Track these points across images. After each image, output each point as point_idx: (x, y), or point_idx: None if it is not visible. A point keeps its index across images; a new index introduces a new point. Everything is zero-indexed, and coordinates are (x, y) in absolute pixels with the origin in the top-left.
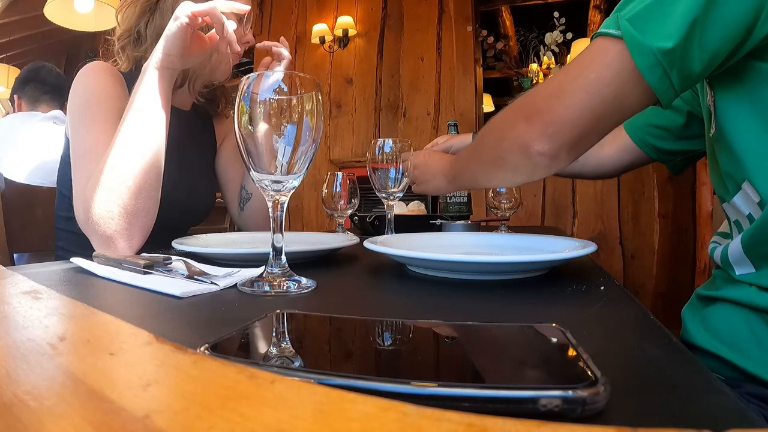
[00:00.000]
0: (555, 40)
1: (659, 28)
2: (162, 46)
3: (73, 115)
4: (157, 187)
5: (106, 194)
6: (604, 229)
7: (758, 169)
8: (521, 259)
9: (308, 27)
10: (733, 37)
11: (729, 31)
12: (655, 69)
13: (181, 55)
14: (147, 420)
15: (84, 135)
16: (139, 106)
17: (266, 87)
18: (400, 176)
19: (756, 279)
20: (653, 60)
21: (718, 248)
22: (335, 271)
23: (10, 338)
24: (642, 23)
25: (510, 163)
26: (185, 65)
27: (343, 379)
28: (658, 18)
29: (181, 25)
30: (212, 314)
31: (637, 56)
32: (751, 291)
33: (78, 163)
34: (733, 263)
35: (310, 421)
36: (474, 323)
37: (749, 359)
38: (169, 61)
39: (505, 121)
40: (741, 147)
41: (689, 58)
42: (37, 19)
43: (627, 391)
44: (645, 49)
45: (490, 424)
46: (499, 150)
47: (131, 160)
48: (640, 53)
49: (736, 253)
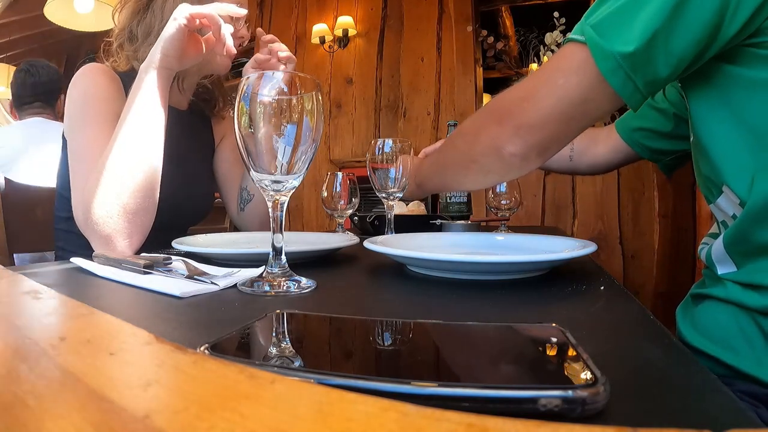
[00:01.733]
0: (555, 40)
1: (621, 34)
2: (160, 47)
3: (70, 117)
4: (156, 185)
5: (104, 193)
6: (604, 229)
7: (734, 173)
8: (521, 259)
9: (308, 27)
10: (699, 41)
11: (694, 36)
12: (616, 72)
13: (178, 56)
14: (147, 420)
15: (81, 137)
16: (137, 105)
17: (266, 87)
18: (400, 176)
19: (737, 277)
20: (614, 64)
21: (705, 248)
22: (335, 271)
23: (10, 338)
24: (604, 30)
25: (482, 164)
26: (182, 66)
27: (343, 379)
28: (621, 25)
29: (179, 27)
30: (212, 314)
31: (599, 60)
32: (736, 289)
33: (76, 164)
34: (716, 262)
35: (310, 421)
36: (474, 323)
37: (739, 356)
38: (167, 62)
39: (477, 123)
40: (716, 151)
41: (654, 63)
42: (37, 19)
43: (627, 391)
44: (606, 53)
45: (490, 424)
46: (471, 152)
47: (130, 159)
48: (602, 57)
49: (719, 252)
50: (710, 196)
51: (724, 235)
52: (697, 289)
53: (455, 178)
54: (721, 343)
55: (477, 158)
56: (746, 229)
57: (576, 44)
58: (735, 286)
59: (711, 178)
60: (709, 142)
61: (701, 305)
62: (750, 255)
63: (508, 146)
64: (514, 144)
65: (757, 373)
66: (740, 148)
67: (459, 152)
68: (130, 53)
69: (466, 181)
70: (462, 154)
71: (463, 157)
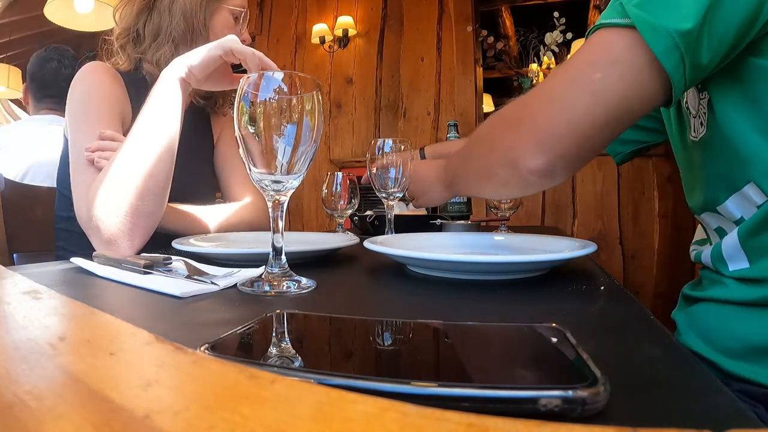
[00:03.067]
0: (555, 40)
1: (673, 10)
2: (189, 61)
3: (72, 116)
4: (165, 191)
5: (113, 194)
6: (604, 229)
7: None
8: (521, 259)
9: (308, 27)
10: (739, 26)
11: (737, 19)
12: (672, 53)
13: (203, 78)
14: (147, 420)
15: (84, 135)
16: (156, 110)
17: (266, 87)
18: (400, 176)
19: (747, 273)
20: (670, 42)
21: (704, 250)
22: (335, 271)
23: (10, 338)
24: (653, 6)
25: (499, 176)
26: (198, 86)
27: (343, 379)
28: (670, 0)
29: (216, 56)
30: (212, 314)
31: (652, 40)
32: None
33: (78, 163)
34: (727, 259)
35: (310, 421)
36: (474, 323)
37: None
38: (191, 78)
39: (493, 129)
40: (744, 148)
41: (701, 45)
42: (37, 19)
43: (627, 391)
44: (660, 31)
45: (490, 424)
46: (487, 162)
47: (143, 161)
48: (656, 36)
49: (732, 248)
50: (712, 201)
51: (740, 229)
52: (692, 291)
53: (476, 185)
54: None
55: (494, 169)
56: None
57: (613, 30)
58: (740, 284)
59: (728, 177)
60: (736, 137)
61: (698, 307)
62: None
63: (526, 160)
64: (534, 157)
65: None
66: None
67: (476, 159)
68: (136, 54)
69: (486, 191)
70: (479, 162)
71: (480, 165)
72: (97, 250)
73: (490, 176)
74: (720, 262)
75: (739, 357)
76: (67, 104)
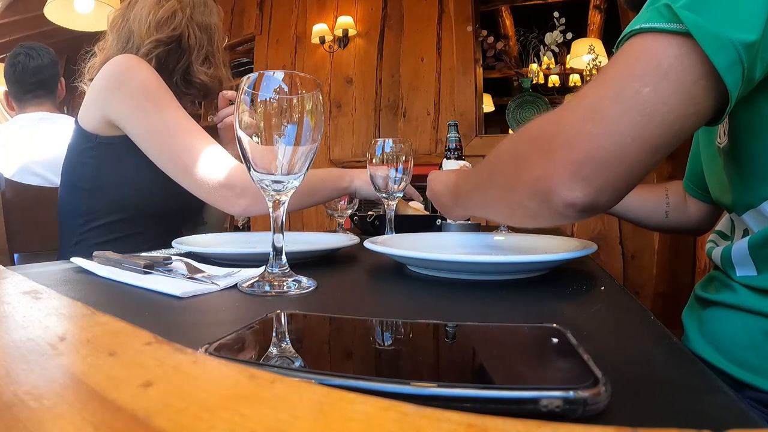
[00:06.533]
0: (555, 40)
1: (736, 17)
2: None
3: (138, 101)
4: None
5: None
6: (604, 229)
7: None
8: (521, 259)
9: (308, 27)
10: None
11: None
12: (736, 68)
13: None
14: (147, 420)
15: (162, 115)
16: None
17: (266, 87)
18: (400, 176)
19: (755, 282)
20: (735, 56)
21: (716, 248)
22: (335, 271)
23: (10, 338)
24: (712, 12)
25: (528, 209)
26: None
27: (343, 379)
28: (729, 4)
29: None
30: (212, 314)
31: (714, 52)
32: (750, 295)
33: (170, 140)
34: (736, 264)
35: (310, 421)
36: (474, 323)
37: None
38: None
39: (516, 155)
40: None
41: (758, 58)
42: (37, 19)
43: (627, 391)
44: (725, 41)
45: (490, 425)
46: (512, 194)
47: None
48: (718, 47)
49: (741, 253)
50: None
51: (752, 238)
52: (705, 292)
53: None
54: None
55: (521, 202)
56: None
57: (659, 36)
58: (749, 291)
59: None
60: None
61: (709, 312)
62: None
63: (563, 192)
64: (572, 189)
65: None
66: None
67: (497, 190)
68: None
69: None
70: (500, 195)
71: (501, 197)
72: (221, 206)
73: (514, 208)
74: (728, 266)
75: (751, 366)
76: (125, 95)
